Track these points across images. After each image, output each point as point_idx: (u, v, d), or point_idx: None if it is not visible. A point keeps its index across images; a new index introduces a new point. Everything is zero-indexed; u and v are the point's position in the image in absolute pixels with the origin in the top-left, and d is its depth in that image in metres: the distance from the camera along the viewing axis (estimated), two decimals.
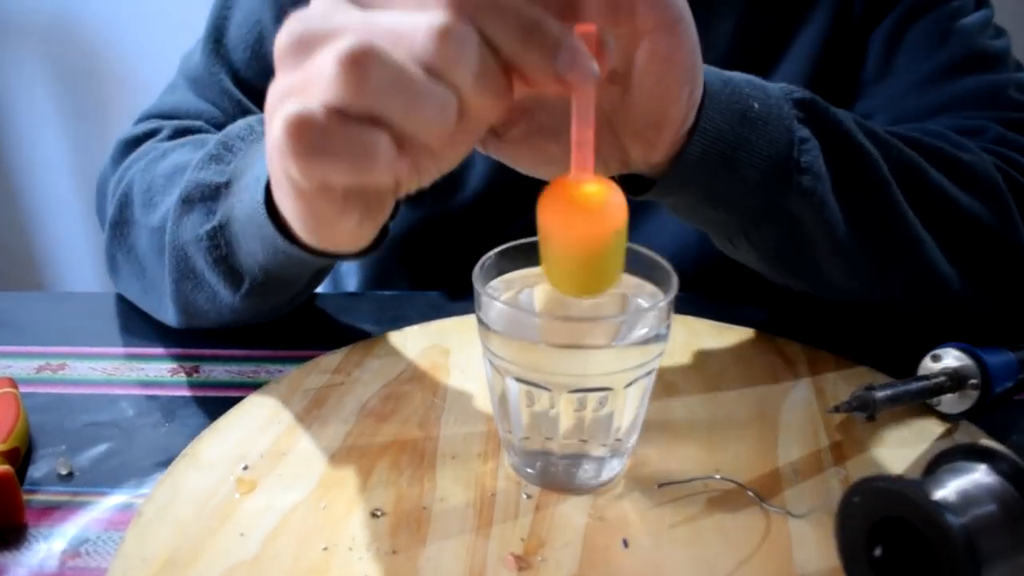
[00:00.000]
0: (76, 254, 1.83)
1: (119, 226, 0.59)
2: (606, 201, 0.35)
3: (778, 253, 0.51)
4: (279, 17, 0.65)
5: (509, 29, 0.31)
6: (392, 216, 0.45)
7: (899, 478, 0.34)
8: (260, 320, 0.59)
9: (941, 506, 0.32)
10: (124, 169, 0.61)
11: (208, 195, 0.51)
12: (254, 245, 0.48)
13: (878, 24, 0.67)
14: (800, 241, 0.50)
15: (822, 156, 0.48)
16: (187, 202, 0.52)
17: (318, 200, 0.35)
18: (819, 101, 0.49)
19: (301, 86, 0.31)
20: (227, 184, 0.51)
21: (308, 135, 0.30)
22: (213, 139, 0.54)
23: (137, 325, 0.62)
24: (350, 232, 0.38)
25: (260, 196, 0.45)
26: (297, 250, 0.45)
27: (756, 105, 0.45)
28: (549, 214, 0.36)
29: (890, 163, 0.50)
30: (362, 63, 0.29)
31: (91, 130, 1.69)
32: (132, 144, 0.64)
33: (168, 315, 0.58)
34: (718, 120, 0.44)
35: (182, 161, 0.57)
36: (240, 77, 0.67)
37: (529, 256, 0.41)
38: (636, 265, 0.43)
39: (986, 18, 0.67)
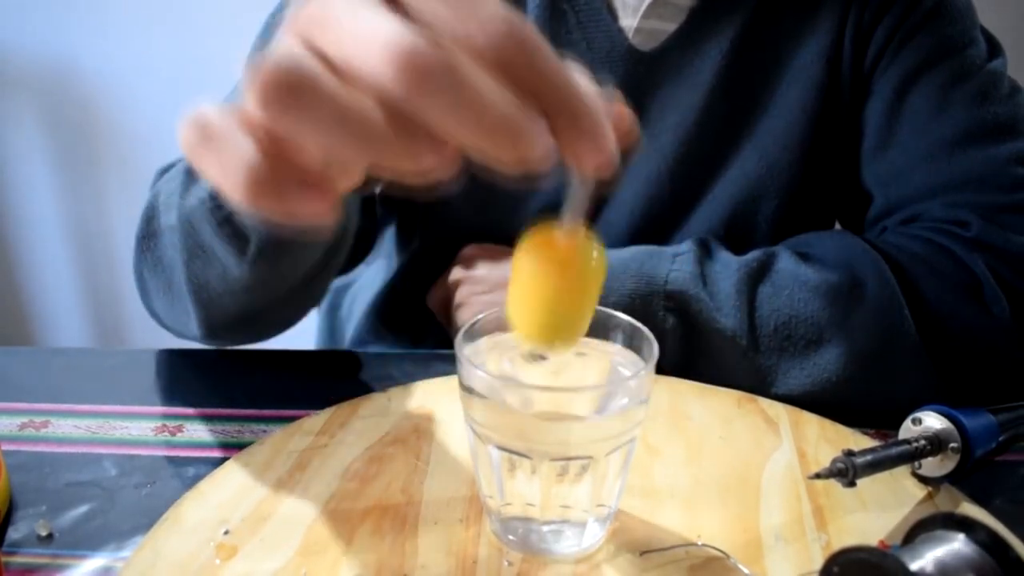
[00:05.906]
0: (68, 309, 1.82)
1: (145, 240, 0.59)
2: (589, 256, 0.35)
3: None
4: None
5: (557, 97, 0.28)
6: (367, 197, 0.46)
7: (878, 549, 0.34)
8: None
9: None
10: (154, 189, 0.62)
11: None
12: None
13: (877, 63, 0.67)
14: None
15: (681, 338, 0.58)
16: (192, 172, 0.53)
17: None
18: (691, 295, 0.58)
19: None
20: None
21: (195, 129, 0.29)
22: None
23: (122, 382, 0.62)
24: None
25: None
26: None
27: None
28: (529, 257, 0.35)
29: (763, 336, 0.57)
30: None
31: (84, 184, 1.70)
32: (167, 169, 0.64)
33: (192, 323, 0.58)
34: None
35: None
36: None
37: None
38: (616, 332, 0.43)
39: (994, 74, 0.65)
